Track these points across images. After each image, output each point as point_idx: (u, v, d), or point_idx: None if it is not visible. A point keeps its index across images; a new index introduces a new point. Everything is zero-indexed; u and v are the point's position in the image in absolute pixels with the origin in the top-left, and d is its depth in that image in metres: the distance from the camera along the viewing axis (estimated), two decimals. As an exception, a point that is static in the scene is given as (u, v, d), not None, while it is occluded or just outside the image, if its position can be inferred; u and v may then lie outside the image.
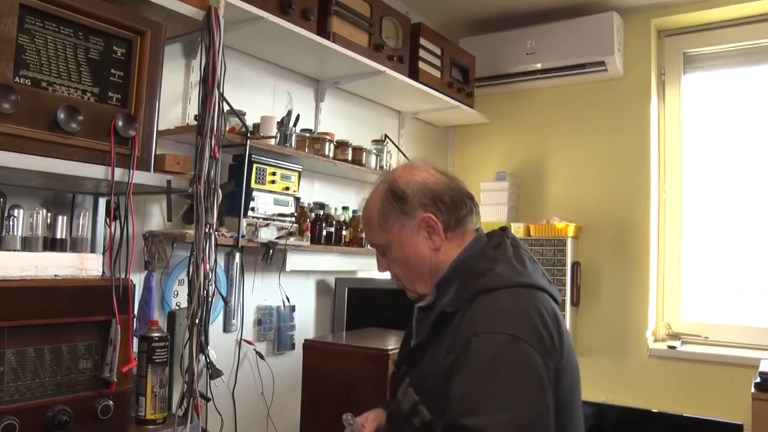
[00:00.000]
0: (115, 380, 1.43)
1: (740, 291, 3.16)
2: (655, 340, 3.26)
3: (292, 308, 2.66)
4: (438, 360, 1.27)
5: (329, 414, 1.89)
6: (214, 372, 1.58)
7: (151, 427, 1.56)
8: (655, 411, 2.88)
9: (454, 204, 1.41)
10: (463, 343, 1.21)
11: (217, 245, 1.66)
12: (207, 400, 1.58)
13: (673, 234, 3.31)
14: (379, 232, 1.44)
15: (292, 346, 2.63)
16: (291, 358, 2.64)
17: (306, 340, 1.95)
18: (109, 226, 1.63)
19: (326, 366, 1.91)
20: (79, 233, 1.59)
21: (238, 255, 2.38)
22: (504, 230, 1.46)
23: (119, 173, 1.50)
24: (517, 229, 3.29)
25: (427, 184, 1.40)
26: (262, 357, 2.52)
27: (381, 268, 1.49)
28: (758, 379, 2.48)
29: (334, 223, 2.64)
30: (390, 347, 1.86)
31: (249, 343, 2.48)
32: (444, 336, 1.29)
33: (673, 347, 3.11)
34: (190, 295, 1.58)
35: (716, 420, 2.70)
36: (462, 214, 1.42)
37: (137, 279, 2.04)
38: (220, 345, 2.26)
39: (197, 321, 1.55)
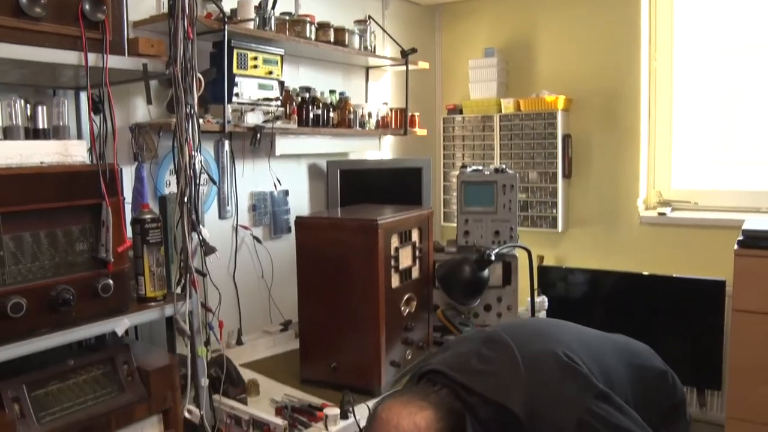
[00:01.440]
0: (112, 260, 1.49)
1: (730, 157, 3.18)
2: (646, 208, 3.32)
3: (286, 192, 2.71)
4: None
5: (324, 288, 1.98)
6: (207, 249, 1.64)
7: (152, 303, 1.64)
8: (646, 274, 2.99)
9: (455, 424, 1.36)
10: None
11: (200, 127, 1.67)
12: (203, 275, 1.65)
13: (664, 103, 3.29)
14: None
15: (288, 230, 2.69)
16: (288, 242, 2.71)
17: (297, 217, 1.99)
18: (90, 118, 1.63)
19: (318, 241, 1.96)
20: (61, 122, 1.60)
21: (227, 142, 2.40)
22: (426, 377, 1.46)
23: (93, 58, 1.50)
24: (507, 105, 3.28)
25: None
26: (259, 241, 2.59)
27: None
28: (741, 237, 2.55)
29: (320, 105, 2.63)
30: (380, 217, 1.90)
31: (245, 228, 2.54)
32: None
33: (663, 214, 3.17)
34: (177, 175, 1.61)
35: (701, 278, 2.81)
36: (462, 415, 1.38)
37: (128, 171, 2.07)
38: (216, 231, 2.32)
39: (186, 200, 1.58)
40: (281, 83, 2.42)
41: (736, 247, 2.56)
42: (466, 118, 3.45)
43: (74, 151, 1.52)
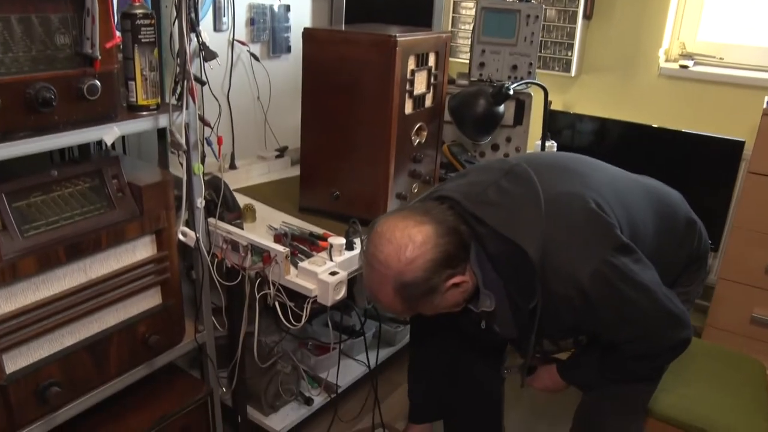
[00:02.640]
0: (99, 56, 1.29)
1: (765, 9, 2.93)
2: (667, 60, 3.10)
3: (287, 8, 2.45)
4: (562, 321, 1.32)
5: (331, 108, 1.81)
6: (207, 53, 1.44)
7: (144, 113, 1.46)
8: (656, 126, 2.84)
9: (458, 245, 1.27)
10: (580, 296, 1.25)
11: None
12: (202, 83, 1.46)
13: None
14: (408, 312, 1.34)
15: (288, 49, 2.47)
16: (287, 62, 2.50)
17: (306, 29, 1.76)
18: None
19: (328, 57, 1.75)
20: None
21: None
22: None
23: None
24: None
25: (428, 258, 1.23)
26: (257, 58, 2.37)
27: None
28: (773, 95, 2.40)
29: None
30: (398, 34, 1.69)
31: (242, 43, 2.31)
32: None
33: (685, 66, 2.97)
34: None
35: (717, 136, 2.67)
36: (467, 241, 1.28)
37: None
38: (211, 45, 2.09)
39: (185, -4, 1.36)
40: None
41: (765, 105, 2.41)
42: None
43: None
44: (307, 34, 1.77)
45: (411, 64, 1.80)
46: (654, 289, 1.29)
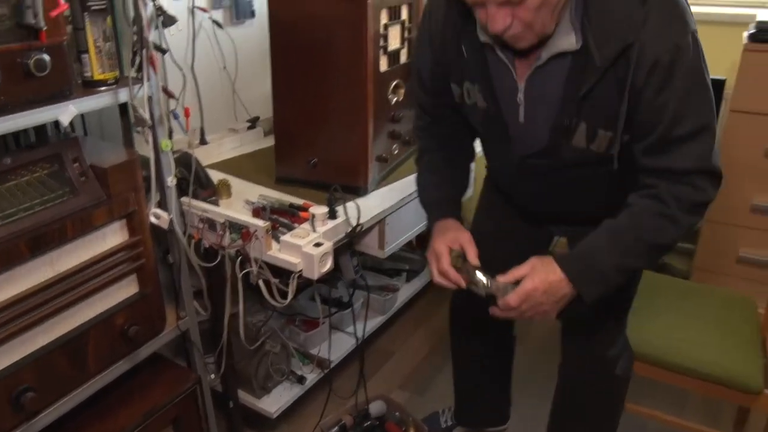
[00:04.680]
0: (44, 27, 1.17)
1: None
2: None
3: (248, -32, 2.31)
4: (621, 84, 1.14)
5: (303, 71, 1.70)
6: (166, 18, 1.32)
7: (101, 88, 1.35)
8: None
9: None
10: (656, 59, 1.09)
11: None
12: (163, 51, 1.35)
13: None
14: None
15: (252, 13, 2.33)
16: (252, 28, 2.36)
17: (271, -16, 1.65)
18: None
19: (296, 16, 1.63)
20: None
21: None
22: None
23: None
24: None
25: None
26: (219, 26, 2.23)
27: (502, 22, 1.11)
28: (753, 30, 2.34)
29: None
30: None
31: (203, 10, 2.16)
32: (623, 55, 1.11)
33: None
34: None
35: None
36: None
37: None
38: (169, 12, 1.96)
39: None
40: None
41: (745, 41, 2.36)
42: None
43: None
44: (273, -10, 1.65)
45: (384, 18, 1.69)
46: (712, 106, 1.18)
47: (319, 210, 1.55)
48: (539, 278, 1.27)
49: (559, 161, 1.30)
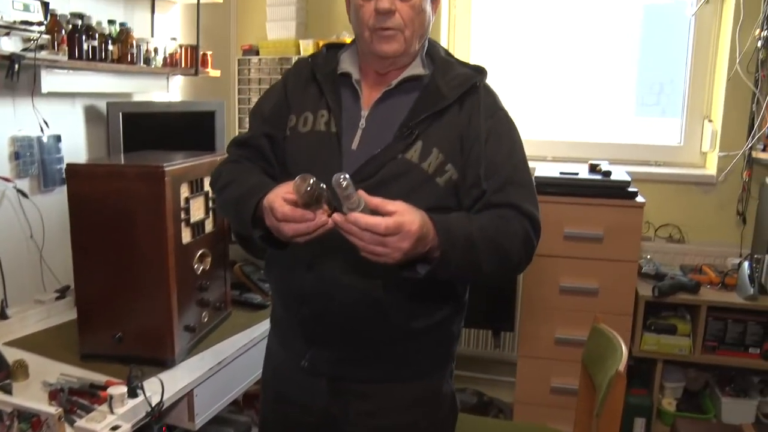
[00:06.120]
0: None
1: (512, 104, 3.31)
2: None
3: (57, 138, 2.32)
4: (460, 125, 1.35)
5: (104, 246, 1.71)
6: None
7: None
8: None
9: None
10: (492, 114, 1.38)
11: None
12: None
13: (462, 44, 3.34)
14: None
15: (62, 181, 2.32)
16: (62, 195, 2.30)
17: (68, 164, 1.66)
18: None
19: (95, 192, 1.66)
20: None
21: (-25, 76, 1.97)
22: None
23: None
24: (307, 47, 3.09)
25: None
26: (25, 195, 2.20)
27: (389, 2, 1.30)
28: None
29: (97, 36, 2.26)
30: (166, 163, 1.65)
31: (6, 180, 2.14)
32: (463, 103, 1.37)
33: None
34: None
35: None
36: None
37: None
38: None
39: None
40: (45, 4, 2.02)
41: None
42: (262, 60, 3.20)
43: None
44: (71, 170, 1.68)
45: (185, 191, 1.76)
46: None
47: (117, 390, 1.50)
48: (418, 221, 1.13)
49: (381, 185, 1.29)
